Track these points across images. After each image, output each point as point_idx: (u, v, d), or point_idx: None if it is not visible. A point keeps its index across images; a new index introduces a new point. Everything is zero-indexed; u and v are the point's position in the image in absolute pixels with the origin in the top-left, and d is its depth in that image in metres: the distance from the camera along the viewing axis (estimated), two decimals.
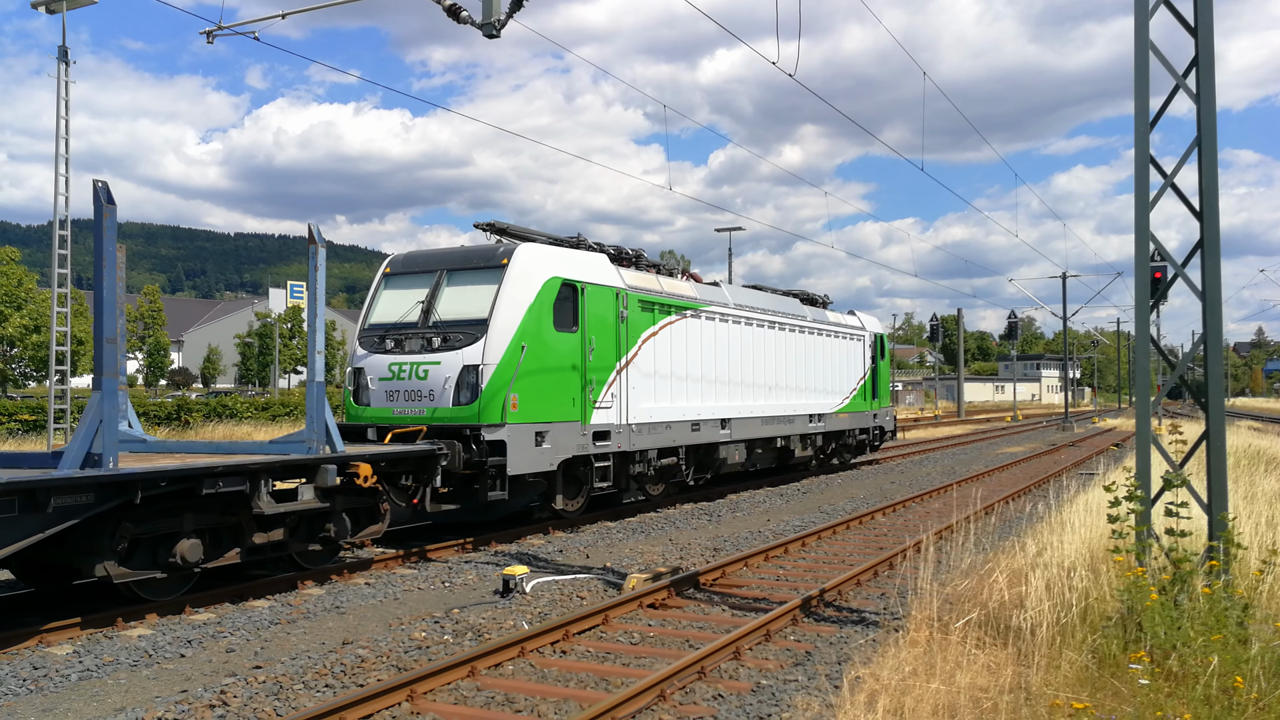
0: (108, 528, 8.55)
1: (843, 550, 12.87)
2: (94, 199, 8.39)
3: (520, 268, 13.57)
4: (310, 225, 10.47)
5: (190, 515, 9.24)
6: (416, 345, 13.45)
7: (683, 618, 9.07)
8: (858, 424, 24.94)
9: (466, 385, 12.90)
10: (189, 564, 9.19)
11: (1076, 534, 9.23)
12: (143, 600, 9.11)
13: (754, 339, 19.61)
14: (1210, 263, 7.26)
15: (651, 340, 16.03)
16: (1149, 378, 7.30)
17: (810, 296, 24.24)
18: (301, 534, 10.54)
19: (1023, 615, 6.94)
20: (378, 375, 13.56)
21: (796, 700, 6.51)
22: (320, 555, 10.93)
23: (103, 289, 8.40)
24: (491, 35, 10.84)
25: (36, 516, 7.81)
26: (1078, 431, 46.82)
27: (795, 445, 21.41)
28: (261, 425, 34.26)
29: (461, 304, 13.55)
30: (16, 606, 9.25)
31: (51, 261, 21.36)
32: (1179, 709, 5.02)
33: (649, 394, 15.87)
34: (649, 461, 15.97)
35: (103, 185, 8.42)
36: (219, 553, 9.65)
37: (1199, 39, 7.26)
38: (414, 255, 14.95)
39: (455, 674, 7.01)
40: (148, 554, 8.99)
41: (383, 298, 14.39)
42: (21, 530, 7.76)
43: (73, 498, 8.03)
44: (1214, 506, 7.13)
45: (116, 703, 6.74)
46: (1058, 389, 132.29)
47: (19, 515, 7.70)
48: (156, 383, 73.79)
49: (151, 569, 8.99)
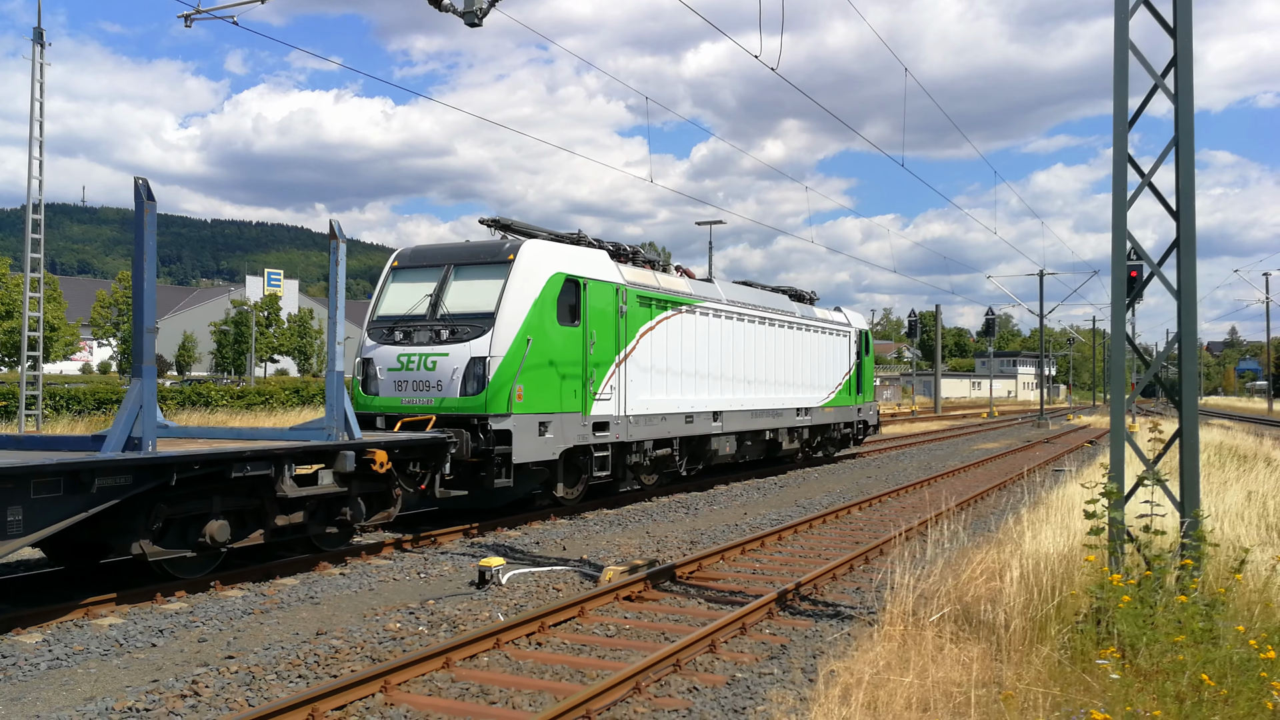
0: (144, 508, 9.01)
1: (819, 544, 12.92)
2: (135, 195, 8.83)
3: (526, 263, 13.96)
4: (332, 221, 10.95)
5: (219, 497, 9.71)
6: (425, 337, 13.84)
7: (659, 610, 9.07)
8: (843, 418, 25.44)
9: (474, 376, 13.32)
10: (218, 543, 9.65)
11: (1051, 530, 9.31)
12: (172, 578, 9.56)
13: (745, 334, 20.14)
14: (1185, 262, 7.32)
15: (649, 335, 16.53)
16: (1124, 375, 7.36)
17: (798, 293, 24.68)
18: (319, 517, 10.96)
19: (997, 610, 6.99)
20: (386, 366, 13.95)
21: (771, 694, 6.53)
22: (336, 538, 11.36)
23: (143, 282, 8.89)
24: (473, 24, 10.79)
25: (81, 496, 8.26)
26: (1052, 428, 47.23)
27: (783, 438, 21.92)
28: (236, 413, 33.94)
29: (469, 298, 13.94)
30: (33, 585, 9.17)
31: (25, 246, 21.08)
32: (1149, 704, 5.06)
33: (646, 387, 16.36)
34: (645, 452, 16.43)
35: (143, 182, 8.84)
36: (244, 533, 10.09)
37: (1178, 40, 7.31)
38: (421, 249, 15.28)
39: (430, 665, 6.99)
40: (179, 534, 9.46)
41: (391, 290, 14.74)
42: (67, 509, 8.20)
43: (114, 479, 8.51)
44: (1186, 504, 7.20)
45: (86, 692, 6.67)
46: (1033, 386, 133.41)
47: (64, 495, 8.14)
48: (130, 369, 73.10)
49: (182, 548, 9.47)
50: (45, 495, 8.00)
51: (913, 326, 69.79)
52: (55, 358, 46.20)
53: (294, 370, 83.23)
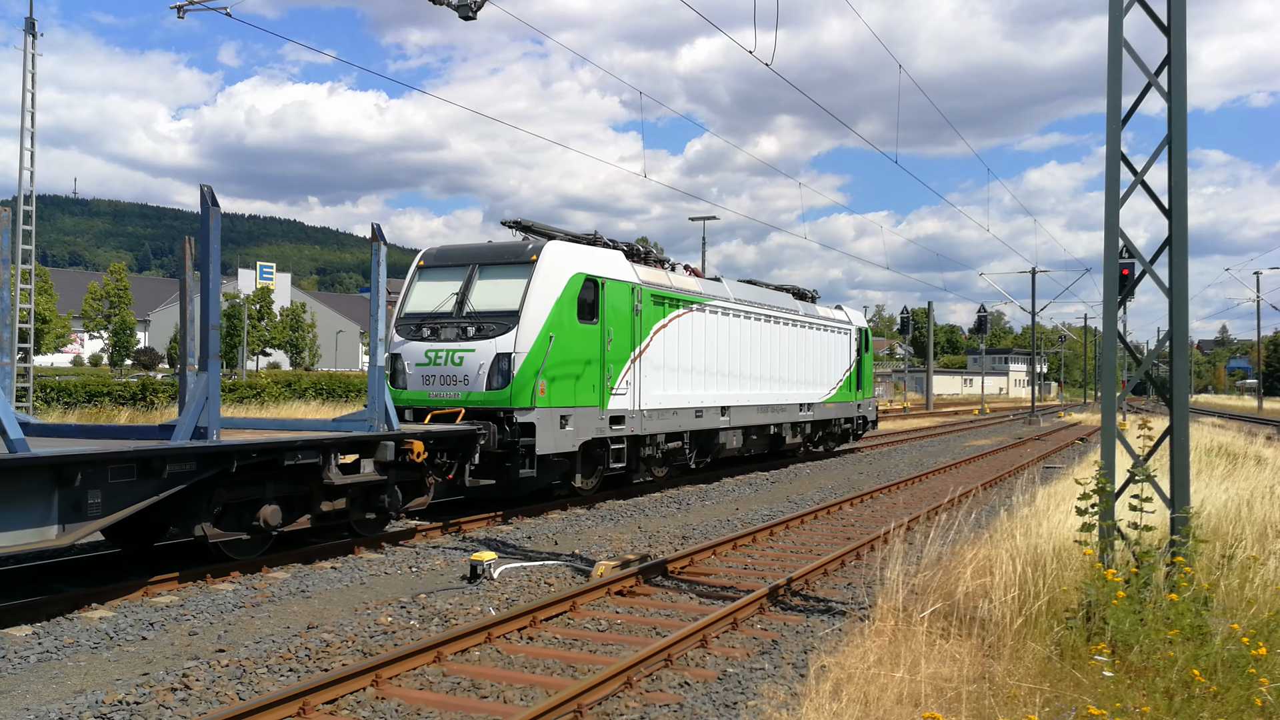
0: (205, 493, 9.64)
1: (811, 540, 12.94)
2: (201, 201, 9.52)
3: (548, 264, 14.56)
4: (374, 225, 11.65)
5: (271, 484, 10.35)
6: (451, 334, 14.46)
7: (650, 605, 9.08)
8: (843, 413, 26.16)
9: (499, 371, 13.94)
10: (270, 527, 10.29)
11: (1042, 526, 9.33)
12: (228, 559, 10.16)
13: (752, 331, 20.86)
14: (1178, 260, 7.34)
15: (662, 332, 17.22)
16: (1115, 373, 7.38)
17: (801, 291, 25.34)
18: (360, 503, 11.58)
19: (988, 606, 7.01)
20: (414, 361, 14.54)
21: (763, 689, 6.54)
22: (373, 523, 12.01)
23: (209, 282, 9.54)
24: (467, 17, 10.78)
25: (152, 482, 8.92)
26: (1044, 425, 47.36)
27: (787, 432, 22.67)
28: (229, 407, 33.80)
29: (494, 296, 14.57)
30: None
31: (15, 237, 20.98)
32: (1139, 701, 5.08)
33: (659, 382, 17.02)
34: (657, 445, 17.07)
35: (208, 189, 9.52)
36: (292, 518, 10.69)
37: (1172, 38, 7.32)
38: (446, 250, 15.93)
39: (421, 659, 6.98)
40: (234, 517, 10.09)
41: (417, 289, 15.37)
42: (140, 493, 8.84)
43: (183, 465, 9.18)
44: (1176, 501, 7.22)
45: (76, 685, 6.65)
46: (1025, 383, 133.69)
47: (137, 480, 8.80)
48: (121, 362, 72.76)
49: (238, 531, 10.10)
50: (121, 480, 8.62)
51: (905, 323, 70.00)
52: (46, 350, 45.97)
53: (286, 364, 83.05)
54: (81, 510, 8.29)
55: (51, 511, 8.11)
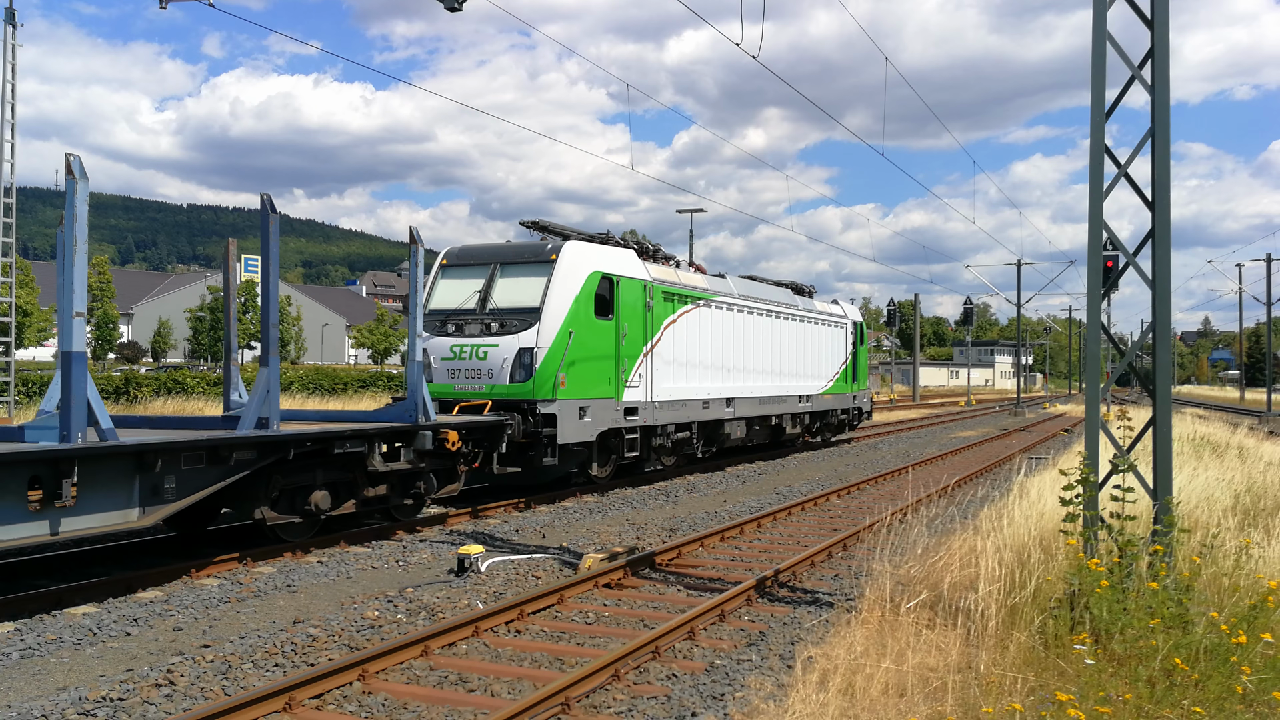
0: (264, 479, 10.32)
1: (798, 532, 12.97)
2: (261, 207, 10.23)
3: (567, 262, 15.24)
4: (411, 228, 12.23)
5: (321, 471, 11.06)
6: (476, 329, 15.18)
7: (638, 598, 9.09)
8: (840, 404, 26.86)
9: (522, 365, 14.66)
10: (321, 511, 11.01)
11: (1027, 516, 9.38)
12: (281, 541, 10.82)
13: (754, 326, 21.57)
14: (1160, 252, 7.38)
15: (672, 327, 17.99)
16: (1099, 364, 7.41)
17: (799, 286, 26.03)
18: (398, 490, 12.28)
19: (973, 596, 7.04)
20: (440, 355, 15.25)
21: (750, 680, 6.56)
22: (409, 509, 12.70)
23: (269, 283, 10.30)
24: (453, 9, 10.72)
25: (219, 468, 9.65)
26: (1029, 417, 47.60)
27: (786, 423, 23.28)
28: (213, 400, 33.65)
29: (515, 293, 15.24)
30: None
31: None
32: (1121, 689, 5.12)
33: (669, 375, 17.78)
34: (668, 435, 17.86)
35: (267, 197, 10.18)
36: (338, 503, 11.38)
37: (1155, 31, 7.35)
38: (468, 249, 16.63)
39: (408, 653, 6.97)
40: (288, 502, 10.77)
41: (441, 286, 16.04)
42: (208, 479, 9.56)
43: (247, 453, 9.89)
44: (1159, 491, 7.28)
45: (59, 681, 6.61)
46: (1010, 375, 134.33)
47: (206, 467, 9.51)
48: (105, 356, 72.28)
49: (291, 515, 10.77)
50: (193, 467, 9.35)
51: (891, 315, 70.16)
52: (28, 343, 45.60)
53: None
54: (159, 494, 9.00)
55: (134, 495, 8.80)
